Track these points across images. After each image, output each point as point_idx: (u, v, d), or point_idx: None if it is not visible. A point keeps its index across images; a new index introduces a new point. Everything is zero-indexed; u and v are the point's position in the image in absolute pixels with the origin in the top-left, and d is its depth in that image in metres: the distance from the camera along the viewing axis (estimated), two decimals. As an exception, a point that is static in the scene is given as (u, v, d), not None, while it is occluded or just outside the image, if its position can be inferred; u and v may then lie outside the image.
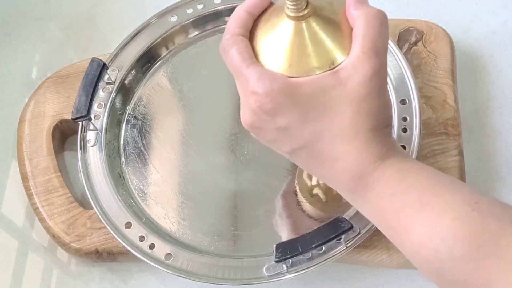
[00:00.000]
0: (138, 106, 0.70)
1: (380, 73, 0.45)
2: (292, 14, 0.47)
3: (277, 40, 0.47)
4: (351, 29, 0.47)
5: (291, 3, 0.46)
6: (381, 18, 0.46)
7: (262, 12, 0.50)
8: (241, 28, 0.48)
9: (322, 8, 0.48)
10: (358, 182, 0.46)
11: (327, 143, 0.46)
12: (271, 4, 0.50)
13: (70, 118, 0.66)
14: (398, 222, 0.44)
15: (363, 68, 0.45)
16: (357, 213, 0.59)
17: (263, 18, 0.49)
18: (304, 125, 0.46)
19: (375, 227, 0.57)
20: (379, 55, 0.45)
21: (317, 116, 0.45)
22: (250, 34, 0.49)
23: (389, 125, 0.48)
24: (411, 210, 0.44)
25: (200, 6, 0.72)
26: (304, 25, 0.47)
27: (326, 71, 0.46)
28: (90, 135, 0.66)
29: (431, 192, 0.44)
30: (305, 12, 0.46)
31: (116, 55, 0.70)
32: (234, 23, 0.49)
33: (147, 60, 0.71)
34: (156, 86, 0.71)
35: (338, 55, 0.46)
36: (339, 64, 0.46)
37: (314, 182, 0.61)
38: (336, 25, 0.47)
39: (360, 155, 0.45)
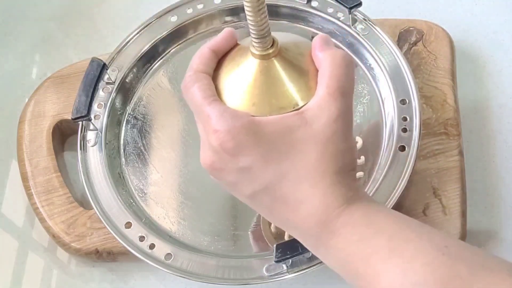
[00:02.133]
0: (138, 106, 0.70)
1: (346, 114, 0.45)
2: (257, 52, 0.46)
3: (241, 78, 0.47)
4: (317, 71, 0.46)
5: (257, 41, 0.45)
6: (347, 60, 0.46)
7: (228, 52, 0.49)
8: (205, 66, 0.48)
9: (288, 49, 0.47)
10: (323, 227, 0.44)
11: (290, 185, 0.44)
12: (237, 44, 0.49)
13: (70, 118, 0.66)
14: (366, 269, 0.43)
15: (329, 109, 0.44)
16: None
17: (228, 57, 0.49)
18: (267, 166, 0.44)
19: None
20: (345, 96, 0.45)
21: (281, 157, 0.44)
22: (214, 73, 0.48)
23: (354, 168, 0.47)
24: (380, 256, 0.42)
25: (200, 6, 0.72)
26: (269, 64, 0.46)
27: (290, 111, 0.45)
28: (90, 135, 0.66)
29: (400, 237, 0.43)
30: (271, 51, 0.46)
31: (116, 55, 0.70)
32: (197, 61, 0.48)
33: (147, 60, 0.71)
34: (156, 86, 0.71)
35: (303, 96, 0.46)
36: (304, 105, 0.45)
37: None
38: (302, 66, 0.47)
39: (326, 198, 0.44)
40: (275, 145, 0.44)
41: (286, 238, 0.59)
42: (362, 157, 0.62)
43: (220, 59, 0.49)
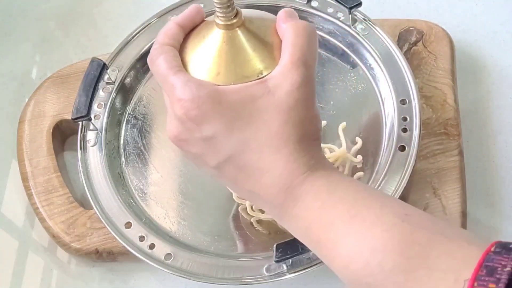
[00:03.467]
0: (138, 106, 0.70)
1: (308, 83, 0.45)
2: (221, 23, 0.47)
3: (206, 49, 0.47)
4: (281, 42, 0.47)
5: (220, 11, 0.46)
6: (310, 31, 0.47)
7: (194, 27, 0.50)
8: (170, 39, 0.48)
9: (252, 21, 0.48)
10: (286, 196, 0.45)
11: (254, 153, 0.45)
12: (203, 20, 0.51)
13: (70, 118, 0.66)
14: (327, 235, 0.43)
15: (291, 77, 0.44)
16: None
17: (194, 31, 0.50)
18: (231, 134, 0.45)
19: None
20: (308, 65, 0.45)
21: (244, 125, 0.45)
22: (181, 47, 0.49)
23: (318, 138, 0.47)
24: (341, 223, 0.42)
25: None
26: (233, 34, 0.47)
27: (254, 80, 0.45)
28: (90, 135, 0.66)
29: (361, 204, 0.43)
30: (234, 21, 0.47)
31: (116, 55, 0.70)
32: (163, 35, 0.49)
33: (147, 60, 0.71)
34: (156, 86, 0.71)
35: (267, 65, 0.46)
36: (267, 74, 0.46)
37: (252, 213, 0.61)
38: (266, 37, 0.48)
39: (288, 166, 0.44)
40: (238, 114, 0.45)
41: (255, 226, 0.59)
42: (359, 156, 0.62)
43: (186, 34, 0.50)
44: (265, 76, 0.46)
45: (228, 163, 0.46)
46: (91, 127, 0.67)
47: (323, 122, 0.63)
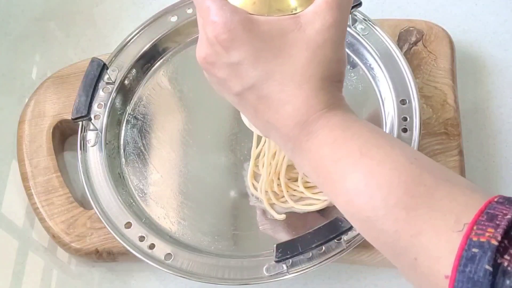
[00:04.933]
0: (138, 106, 0.70)
1: (339, 25, 0.46)
2: None
3: None
4: None
5: None
6: None
7: None
8: None
9: None
10: (301, 129, 0.46)
11: (276, 84, 0.46)
12: None
13: (70, 118, 0.66)
14: (336, 171, 0.44)
15: (323, 17, 0.45)
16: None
17: None
18: (256, 63, 0.45)
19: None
20: (341, 8, 0.46)
21: (271, 56, 0.45)
22: None
23: (341, 80, 0.48)
24: (351, 159, 0.44)
25: (200, 6, 0.72)
26: None
27: (288, 14, 0.46)
28: (90, 135, 0.66)
29: (372, 143, 0.44)
30: None
31: (116, 55, 0.70)
32: None
33: (147, 60, 0.71)
34: (156, 86, 0.71)
35: (302, 3, 0.47)
36: (301, 11, 0.46)
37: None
38: None
39: (308, 101, 0.45)
40: (267, 45, 0.45)
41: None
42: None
43: None
44: (298, 12, 0.46)
45: (250, 91, 0.47)
46: (91, 127, 0.67)
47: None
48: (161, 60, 0.72)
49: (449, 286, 0.37)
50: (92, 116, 0.66)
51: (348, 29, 0.67)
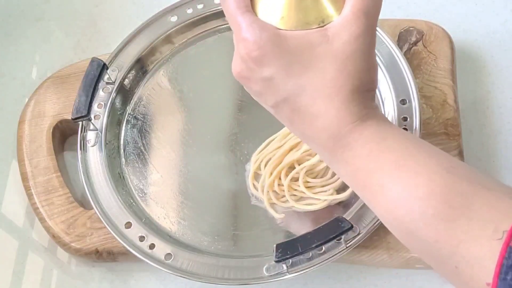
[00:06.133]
0: (138, 106, 0.70)
1: (367, 34, 0.46)
2: None
3: None
4: None
5: None
6: None
7: None
8: None
9: None
10: (335, 142, 0.46)
11: (308, 98, 0.46)
12: None
13: (70, 118, 0.66)
14: (372, 181, 0.45)
15: (350, 28, 0.45)
16: (357, 213, 0.59)
17: None
18: (288, 78, 0.46)
19: (375, 227, 0.58)
20: (369, 16, 0.46)
21: (301, 70, 0.46)
22: None
23: (372, 89, 0.48)
24: (387, 171, 0.44)
25: (200, 6, 0.72)
26: None
27: (316, 27, 0.46)
28: (90, 135, 0.66)
29: (408, 154, 0.44)
30: None
31: (116, 55, 0.70)
32: None
33: (147, 60, 0.71)
34: (156, 86, 0.71)
35: (329, 15, 0.47)
36: (328, 23, 0.47)
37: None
38: None
39: (339, 113, 0.46)
40: (296, 59, 0.46)
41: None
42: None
43: None
44: (326, 24, 0.47)
45: (284, 104, 0.48)
46: (91, 127, 0.67)
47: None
48: (161, 60, 0.72)
49: None
50: (92, 116, 0.66)
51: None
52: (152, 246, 0.60)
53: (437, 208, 0.41)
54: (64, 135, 0.71)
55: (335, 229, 0.56)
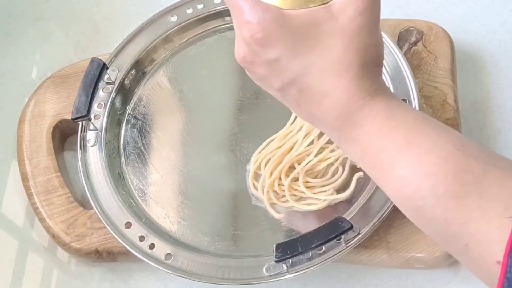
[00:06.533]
0: (138, 106, 0.70)
1: (372, 9, 0.45)
2: None
3: None
4: None
5: None
6: None
7: None
8: None
9: None
10: (345, 119, 0.46)
11: (316, 77, 0.46)
12: None
13: (70, 118, 0.66)
14: (382, 159, 0.44)
15: (355, 3, 0.45)
16: (357, 213, 0.59)
17: None
18: (294, 58, 0.46)
19: (375, 227, 0.58)
20: None
21: (307, 49, 0.45)
22: None
23: (380, 64, 0.48)
24: (397, 148, 0.44)
25: (200, 6, 0.72)
26: None
27: (319, 5, 0.46)
28: (90, 135, 0.66)
29: (418, 131, 0.44)
30: None
31: (116, 55, 0.70)
32: None
33: (147, 60, 0.71)
34: (156, 86, 0.71)
35: None
36: (332, 0, 0.46)
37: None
38: None
39: (348, 91, 0.45)
40: (302, 38, 0.45)
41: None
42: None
43: None
44: (329, 1, 0.46)
45: (291, 86, 0.47)
46: (91, 127, 0.67)
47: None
48: (161, 60, 0.72)
49: (501, 271, 0.37)
50: (92, 116, 0.67)
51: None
52: (152, 246, 0.60)
53: (447, 185, 0.41)
54: (64, 135, 0.71)
55: (335, 229, 0.56)
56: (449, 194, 0.41)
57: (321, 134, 0.63)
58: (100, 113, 0.67)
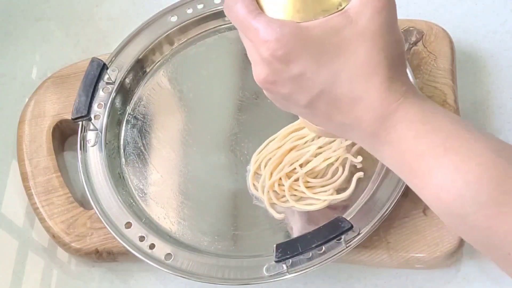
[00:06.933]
0: (138, 106, 0.70)
1: (389, 7, 0.45)
2: None
3: None
4: None
5: None
6: None
7: None
8: None
9: None
10: (379, 124, 0.45)
11: (345, 84, 0.44)
12: None
13: (70, 118, 0.66)
14: (420, 165, 0.43)
15: (372, 2, 0.44)
16: (357, 213, 0.59)
17: None
18: (319, 69, 0.44)
19: (375, 227, 0.58)
20: None
21: (331, 58, 0.44)
22: None
23: (404, 64, 0.47)
24: (435, 154, 0.43)
25: (200, 6, 0.72)
26: None
27: (335, 12, 0.45)
28: (90, 135, 0.66)
29: (455, 136, 0.43)
30: None
31: (116, 55, 0.70)
32: None
33: (147, 60, 0.71)
34: (156, 86, 0.71)
35: None
36: (346, 5, 0.45)
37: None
38: None
39: (381, 93, 0.44)
40: (324, 48, 0.44)
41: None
42: (359, 157, 0.62)
43: None
44: (344, 7, 0.45)
45: (320, 99, 0.46)
46: (91, 127, 0.67)
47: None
48: (161, 60, 0.72)
49: None
50: (92, 116, 0.67)
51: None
52: (152, 246, 0.60)
53: (489, 193, 0.40)
54: (64, 135, 0.71)
55: (335, 229, 0.56)
56: (491, 202, 0.40)
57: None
58: (100, 113, 0.67)
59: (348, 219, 0.57)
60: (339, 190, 0.61)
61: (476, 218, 0.41)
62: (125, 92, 0.70)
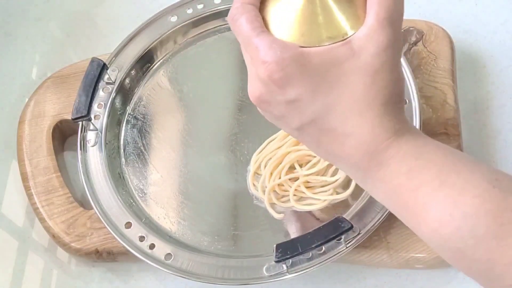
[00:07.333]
0: (138, 106, 0.70)
1: (394, 44, 0.44)
2: None
3: (288, 9, 0.46)
4: (366, 0, 0.45)
5: None
6: None
7: None
8: None
9: None
10: (371, 160, 0.44)
11: (338, 117, 0.44)
12: None
13: (70, 118, 0.66)
14: (415, 200, 0.43)
15: (377, 39, 0.43)
16: (357, 213, 0.59)
17: None
18: (315, 98, 0.44)
19: (375, 227, 0.58)
20: (394, 25, 0.44)
21: (329, 88, 0.44)
22: (261, 6, 0.47)
23: (401, 101, 0.46)
24: (430, 188, 0.42)
25: (200, 6, 0.72)
26: None
27: (339, 41, 0.44)
28: (90, 135, 0.66)
29: (450, 169, 0.42)
30: None
31: (116, 55, 0.70)
32: None
33: (147, 60, 0.71)
34: (156, 86, 0.71)
35: (352, 25, 0.44)
36: (352, 35, 0.44)
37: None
38: None
39: (373, 130, 0.44)
40: (322, 77, 0.43)
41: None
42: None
43: None
44: (350, 37, 0.44)
45: (311, 126, 0.45)
46: (91, 127, 0.67)
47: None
48: (161, 60, 0.72)
49: None
50: (92, 116, 0.67)
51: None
52: (152, 246, 0.60)
53: (487, 226, 0.40)
54: (64, 135, 0.71)
55: (335, 229, 0.56)
56: (490, 235, 0.40)
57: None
58: (100, 113, 0.67)
59: (348, 219, 0.57)
60: (339, 190, 0.61)
61: (475, 252, 0.40)
62: (125, 92, 0.70)
